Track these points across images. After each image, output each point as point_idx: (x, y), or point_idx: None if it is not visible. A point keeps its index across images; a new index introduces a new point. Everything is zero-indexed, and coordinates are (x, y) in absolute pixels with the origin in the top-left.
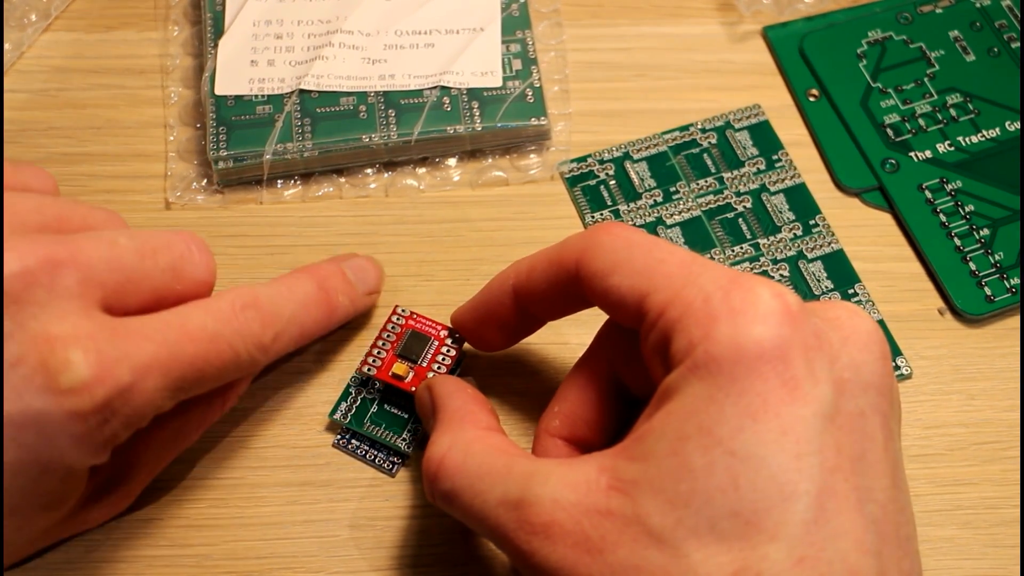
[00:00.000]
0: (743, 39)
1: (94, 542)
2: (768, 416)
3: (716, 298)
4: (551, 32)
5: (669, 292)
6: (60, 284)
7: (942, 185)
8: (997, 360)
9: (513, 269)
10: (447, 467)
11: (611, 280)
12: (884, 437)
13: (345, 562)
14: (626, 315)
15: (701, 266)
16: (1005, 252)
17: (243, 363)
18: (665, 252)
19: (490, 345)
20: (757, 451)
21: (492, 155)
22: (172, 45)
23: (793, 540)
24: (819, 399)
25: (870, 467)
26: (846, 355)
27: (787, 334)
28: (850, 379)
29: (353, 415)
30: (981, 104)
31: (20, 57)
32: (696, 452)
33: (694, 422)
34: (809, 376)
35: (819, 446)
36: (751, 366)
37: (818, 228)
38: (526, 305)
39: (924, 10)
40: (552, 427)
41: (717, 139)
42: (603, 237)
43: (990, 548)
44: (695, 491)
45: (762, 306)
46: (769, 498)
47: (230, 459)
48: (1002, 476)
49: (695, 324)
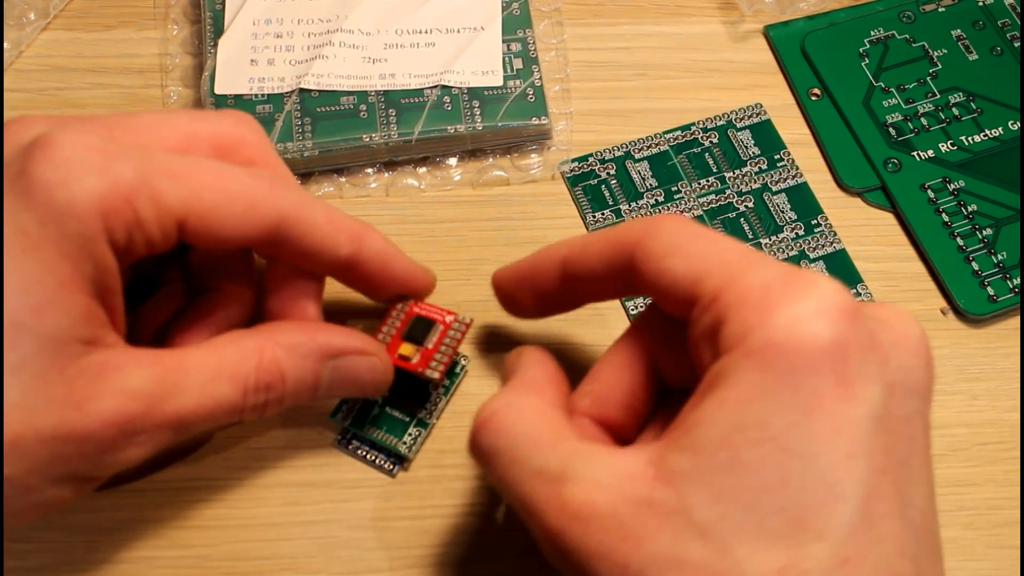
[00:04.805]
0: (745, 38)
1: (95, 542)
2: (822, 413)
3: (776, 287)
4: (552, 31)
5: (726, 277)
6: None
7: (944, 185)
8: (1000, 360)
9: (566, 243)
10: (494, 424)
11: (667, 262)
12: (925, 444)
13: (345, 563)
14: (676, 299)
15: (760, 257)
16: (1008, 252)
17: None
18: (727, 242)
19: (523, 310)
20: (809, 448)
21: (493, 154)
22: (171, 44)
23: (839, 541)
24: (871, 400)
25: (914, 473)
26: (896, 359)
27: (846, 331)
28: (900, 383)
29: (354, 417)
30: (984, 103)
31: (19, 56)
32: (747, 445)
33: (748, 413)
34: (862, 376)
35: (869, 448)
36: (808, 359)
37: (820, 228)
38: (573, 279)
39: (926, 9)
40: (582, 406)
41: (719, 138)
42: (665, 222)
43: (993, 549)
44: (744, 486)
45: (823, 300)
46: (818, 497)
47: (230, 460)
48: (1005, 477)
49: (752, 310)
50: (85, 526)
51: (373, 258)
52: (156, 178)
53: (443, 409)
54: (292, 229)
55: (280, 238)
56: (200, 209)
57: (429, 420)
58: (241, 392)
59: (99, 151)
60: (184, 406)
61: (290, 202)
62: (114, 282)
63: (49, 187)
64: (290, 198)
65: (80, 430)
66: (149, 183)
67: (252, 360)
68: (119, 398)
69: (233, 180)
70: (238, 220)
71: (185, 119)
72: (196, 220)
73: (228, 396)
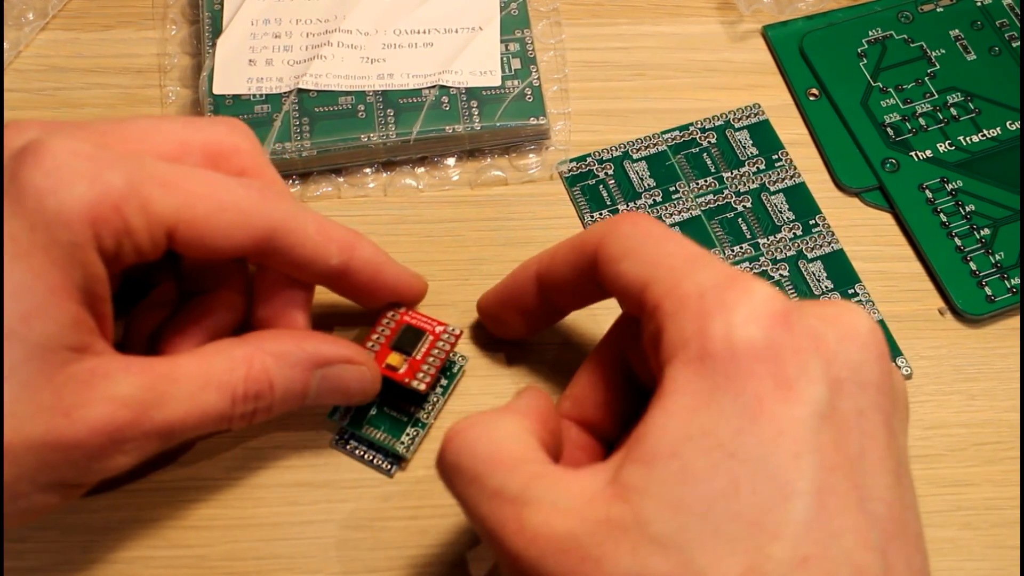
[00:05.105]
0: (743, 38)
1: (92, 542)
2: (764, 417)
3: (711, 295)
4: (550, 31)
5: (668, 284)
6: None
7: (943, 185)
8: (998, 360)
9: (537, 256)
10: (458, 440)
11: (621, 266)
12: (886, 435)
13: (343, 563)
14: (630, 303)
15: (704, 262)
16: (1006, 252)
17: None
18: (675, 245)
19: (512, 331)
20: (755, 452)
21: (491, 155)
22: (170, 44)
23: (796, 539)
24: (814, 399)
25: (872, 465)
26: (843, 354)
27: (779, 335)
28: (847, 378)
29: (352, 417)
30: (982, 103)
31: (18, 56)
32: (696, 454)
33: (694, 422)
34: (803, 376)
35: (816, 445)
36: (745, 365)
37: (818, 228)
38: (548, 292)
39: (925, 9)
40: (563, 408)
41: (717, 139)
42: (623, 225)
43: (991, 549)
44: (697, 495)
45: (755, 306)
46: (769, 499)
47: (228, 460)
48: (1003, 477)
49: (688, 319)
50: (82, 526)
51: (364, 267)
52: (146, 187)
53: (441, 409)
54: (282, 240)
55: (270, 248)
56: (190, 219)
57: (427, 420)
58: (229, 401)
59: (90, 158)
60: (173, 415)
61: (281, 213)
62: (103, 289)
63: (39, 194)
64: (281, 209)
65: (68, 438)
66: (139, 192)
67: (241, 370)
68: (108, 406)
69: (224, 190)
70: (228, 230)
71: (178, 126)
72: (186, 230)
73: (216, 405)
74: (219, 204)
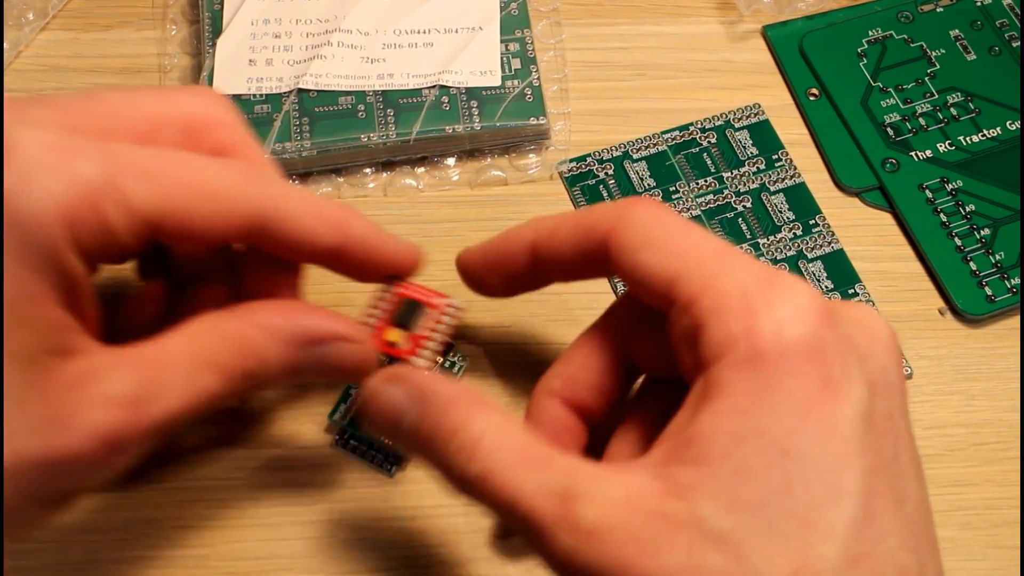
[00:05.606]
0: (743, 38)
1: (93, 542)
2: (814, 416)
3: (754, 292)
4: (550, 31)
5: (703, 280)
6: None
7: (943, 185)
8: (997, 360)
9: (533, 226)
10: (483, 447)
11: (641, 256)
12: (909, 440)
13: (343, 563)
14: (652, 294)
15: (737, 257)
16: (1006, 252)
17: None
18: (699, 237)
19: (491, 291)
20: (807, 451)
21: (491, 154)
22: (170, 44)
23: (846, 539)
24: (857, 400)
25: (903, 468)
26: (872, 357)
27: (825, 333)
28: (878, 382)
29: (353, 416)
30: (982, 103)
31: (18, 56)
32: (751, 454)
33: (746, 422)
34: (846, 377)
35: (861, 447)
36: (794, 364)
37: (818, 228)
38: (543, 265)
39: (925, 9)
40: (553, 387)
41: (717, 138)
42: (637, 210)
43: (991, 549)
44: (752, 493)
45: (801, 304)
46: (821, 498)
47: (228, 460)
48: (1003, 477)
49: (734, 317)
50: (84, 526)
51: (358, 244)
52: (123, 179)
53: None
54: (272, 224)
55: (260, 233)
56: (172, 210)
57: None
58: (223, 381)
59: (61, 149)
60: (169, 406)
61: (268, 195)
62: (84, 288)
63: (10, 196)
64: (268, 191)
65: (66, 450)
66: (115, 185)
67: (232, 345)
68: (102, 409)
69: (206, 175)
70: (214, 219)
71: (151, 100)
72: (169, 221)
73: (211, 387)
74: (202, 192)
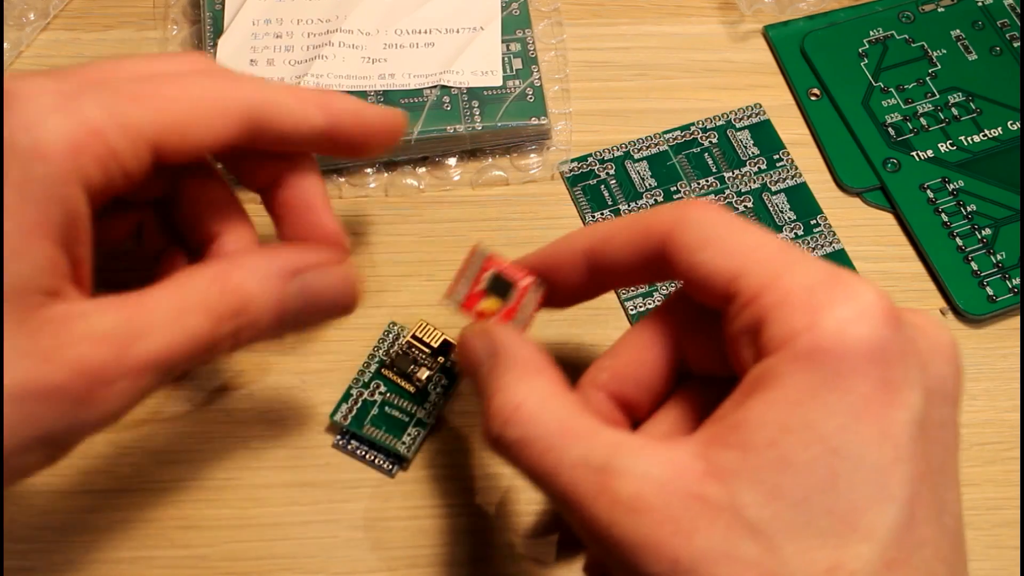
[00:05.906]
0: (744, 38)
1: (93, 542)
2: (869, 417)
3: (819, 290)
4: (551, 31)
5: (765, 277)
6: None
7: (944, 185)
8: (999, 360)
9: (587, 233)
10: (523, 413)
11: (701, 255)
12: (956, 451)
13: (344, 563)
14: (711, 293)
15: (801, 255)
16: (1007, 252)
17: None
18: (760, 236)
19: (547, 303)
20: (857, 451)
21: (492, 154)
22: (171, 44)
23: (885, 543)
24: (913, 405)
25: (947, 479)
26: (933, 366)
27: (889, 336)
28: (936, 389)
29: (354, 417)
30: (983, 103)
31: (19, 56)
32: (798, 446)
33: (797, 415)
34: (905, 381)
35: (912, 453)
36: (854, 363)
37: (819, 228)
38: (600, 271)
39: (926, 9)
40: (600, 380)
41: (718, 138)
42: (696, 211)
43: (992, 549)
44: (794, 486)
45: (866, 304)
46: (866, 499)
47: (229, 459)
48: (1004, 477)
49: (797, 313)
50: (82, 526)
51: (347, 117)
52: (122, 105)
53: (442, 409)
54: (264, 115)
55: (255, 127)
56: (171, 123)
57: (428, 420)
58: (211, 321)
59: (60, 92)
60: (156, 345)
61: (254, 89)
62: (83, 231)
63: (11, 131)
64: (253, 86)
65: (50, 383)
66: (115, 112)
67: (215, 286)
68: (86, 344)
69: (195, 84)
70: (209, 121)
71: (142, 62)
72: (169, 135)
73: (199, 328)
74: (194, 100)
